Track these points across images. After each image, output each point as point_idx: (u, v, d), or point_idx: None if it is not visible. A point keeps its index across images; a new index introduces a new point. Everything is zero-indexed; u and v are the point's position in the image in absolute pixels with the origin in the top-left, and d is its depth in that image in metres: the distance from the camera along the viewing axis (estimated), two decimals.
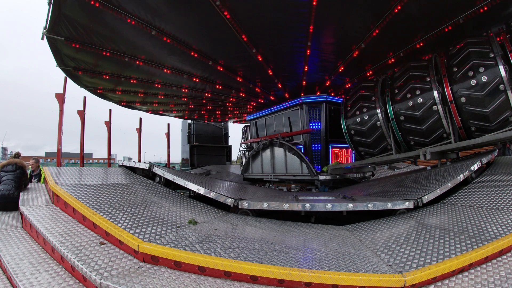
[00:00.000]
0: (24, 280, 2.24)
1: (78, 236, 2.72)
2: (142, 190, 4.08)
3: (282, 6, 4.93)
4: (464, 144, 5.06)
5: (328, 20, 5.40)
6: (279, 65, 7.47)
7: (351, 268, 2.21)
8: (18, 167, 4.63)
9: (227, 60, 7.19)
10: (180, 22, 5.59)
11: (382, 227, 3.40)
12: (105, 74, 7.62)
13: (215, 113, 13.52)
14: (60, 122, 7.02)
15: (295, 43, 6.16)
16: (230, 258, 2.23)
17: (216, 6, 4.71)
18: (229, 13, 4.98)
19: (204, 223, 3.24)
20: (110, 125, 10.04)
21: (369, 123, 6.34)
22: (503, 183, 3.93)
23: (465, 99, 4.93)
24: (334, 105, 8.06)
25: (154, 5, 4.98)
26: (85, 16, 5.08)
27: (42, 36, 5.37)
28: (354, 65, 7.09)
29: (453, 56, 5.13)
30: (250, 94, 9.66)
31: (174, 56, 6.81)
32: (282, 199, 4.40)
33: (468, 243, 2.51)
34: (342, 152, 8.17)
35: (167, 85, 8.67)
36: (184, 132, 15.73)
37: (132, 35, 5.80)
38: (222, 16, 4.98)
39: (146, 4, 4.94)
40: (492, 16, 4.99)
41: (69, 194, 3.42)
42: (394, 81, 6.04)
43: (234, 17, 5.13)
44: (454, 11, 4.96)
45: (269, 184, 8.58)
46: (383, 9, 4.94)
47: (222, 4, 4.73)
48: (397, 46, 6.26)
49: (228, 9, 4.88)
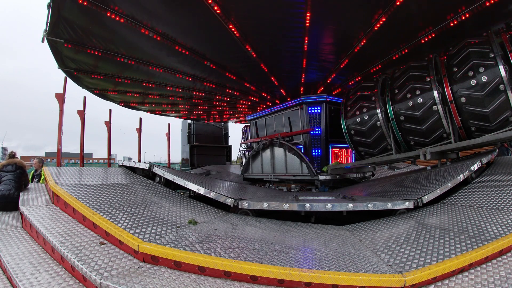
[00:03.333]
0: (24, 280, 2.23)
1: (78, 236, 2.72)
2: (142, 190, 4.08)
3: (276, 7, 4.93)
4: (464, 144, 5.06)
5: (325, 20, 5.40)
6: (278, 66, 7.48)
7: (351, 268, 2.21)
8: (18, 167, 4.63)
9: (226, 61, 7.22)
10: (177, 23, 5.62)
11: (382, 227, 3.40)
12: (105, 75, 7.65)
13: (222, 112, 13.53)
14: (60, 122, 7.02)
15: (292, 43, 6.17)
16: (230, 258, 2.23)
17: (210, 6, 4.74)
18: (223, 13, 5.00)
19: (204, 223, 3.24)
20: (110, 125, 10.03)
21: (369, 123, 6.34)
22: (503, 183, 3.93)
23: (465, 99, 4.93)
24: (334, 105, 8.06)
25: (151, 7, 5.03)
26: (83, 19, 5.12)
27: (42, 39, 5.40)
28: (353, 64, 7.10)
29: (453, 56, 5.13)
30: (249, 94, 9.67)
31: (173, 57, 6.83)
32: (282, 199, 4.40)
33: (468, 243, 2.51)
34: (342, 152, 8.18)
35: (167, 86, 8.69)
36: (184, 132, 15.73)
37: (130, 37, 5.83)
38: (216, 15, 4.99)
39: (143, 7, 4.98)
40: (492, 15, 4.98)
41: (69, 194, 3.42)
42: (394, 81, 6.04)
43: (228, 17, 5.14)
44: (456, 5, 4.92)
45: (269, 184, 8.58)
46: (380, 7, 4.91)
47: (217, 5, 4.76)
48: (395, 45, 6.25)
49: (222, 9, 4.91)
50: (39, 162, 7.01)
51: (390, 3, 4.73)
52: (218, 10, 4.89)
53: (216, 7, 4.81)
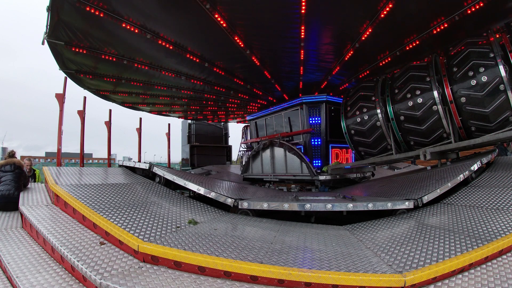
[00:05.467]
0: (24, 280, 2.24)
1: (78, 236, 2.72)
2: (142, 190, 4.08)
3: (271, 8, 4.95)
4: (464, 144, 5.06)
5: (321, 19, 5.40)
6: (276, 66, 7.49)
7: (351, 268, 2.21)
8: (16, 166, 4.63)
9: (223, 62, 7.24)
10: (173, 25, 5.65)
11: (382, 227, 3.40)
12: (106, 77, 7.68)
13: (218, 113, 13.56)
14: (60, 122, 7.02)
15: (290, 43, 6.17)
16: (230, 258, 2.23)
17: (206, 9, 4.76)
18: (219, 16, 5.04)
19: (204, 223, 3.24)
20: (110, 125, 10.02)
21: (369, 123, 6.34)
22: (503, 183, 3.93)
23: (465, 99, 4.93)
24: (334, 105, 8.06)
25: (148, 10, 5.07)
26: (82, 21, 5.16)
27: (42, 41, 5.47)
28: (352, 64, 7.08)
29: (453, 56, 5.13)
30: (249, 95, 9.66)
31: (171, 58, 6.86)
32: (282, 199, 4.40)
33: (468, 243, 2.51)
34: (342, 152, 8.18)
35: (167, 87, 8.71)
36: (184, 132, 15.73)
37: (128, 39, 5.87)
38: (213, 18, 5.03)
39: (140, 10, 5.02)
40: (491, 15, 4.95)
41: (69, 194, 3.42)
42: (394, 81, 6.04)
43: (225, 19, 5.18)
44: (450, 8, 4.89)
45: (269, 184, 8.59)
46: (376, 6, 4.89)
47: (212, 7, 4.79)
48: (393, 44, 6.23)
49: (219, 12, 4.95)
50: (28, 160, 6.87)
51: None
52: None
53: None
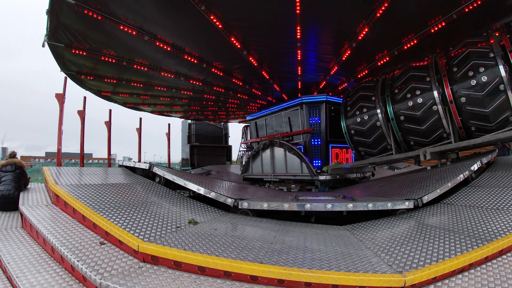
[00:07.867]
0: (24, 280, 2.24)
1: (78, 236, 2.72)
2: (142, 190, 4.08)
3: (266, 9, 4.96)
4: (464, 144, 5.06)
5: (316, 19, 5.39)
6: (273, 67, 7.49)
7: (351, 268, 2.21)
8: (17, 167, 4.63)
9: (222, 63, 7.25)
10: (170, 27, 5.67)
11: (382, 227, 3.40)
12: (106, 78, 7.71)
13: (218, 114, 13.55)
14: (60, 122, 7.02)
15: (287, 44, 6.17)
16: (230, 258, 2.23)
17: (202, 11, 4.79)
18: (215, 17, 5.07)
19: (204, 223, 3.24)
20: (110, 125, 10.02)
21: (369, 123, 6.34)
22: (503, 183, 3.93)
23: (465, 99, 4.93)
24: (334, 105, 8.06)
25: (145, 12, 5.10)
26: (81, 24, 5.20)
27: (43, 44, 5.51)
28: (350, 64, 7.07)
29: (453, 56, 5.13)
30: (248, 95, 9.66)
31: (169, 60, 6.89)
32: (282, 199, 4.40)
33: (468, 243, 2.51)
34: (342, 152, 8.18)
35: (166, 87, 8.72)
36: (184, 132, 15.74)
37: (127, 41, 5.91)
38: (208, 19, 5.05)
39: (137, 12, 5.05)
40: (490, 13, 4.94)
41: (69, 194, 3.42)
42: (394, 81, 6.04)
43: (220, 21, 5.20)
44: (447, 6, 4.87)
45: (269, 184, 8.58)
46: (371, 5, 4.87)
47: (208, 9, 4.81)
48: (391, 43, 6.21)
49: (214, 13, 4.98)
50: None
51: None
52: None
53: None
